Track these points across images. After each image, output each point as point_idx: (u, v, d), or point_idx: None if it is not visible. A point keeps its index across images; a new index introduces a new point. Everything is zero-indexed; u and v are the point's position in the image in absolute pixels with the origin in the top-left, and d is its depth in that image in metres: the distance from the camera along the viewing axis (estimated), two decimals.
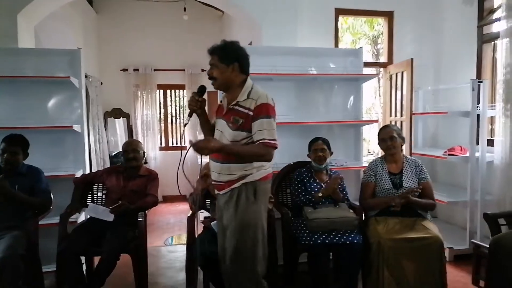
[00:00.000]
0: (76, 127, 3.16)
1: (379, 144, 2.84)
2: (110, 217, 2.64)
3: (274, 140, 1.99)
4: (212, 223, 2.49)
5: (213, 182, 2.15)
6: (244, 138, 2.02)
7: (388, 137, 2.75)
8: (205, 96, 2.15)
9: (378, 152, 8.88)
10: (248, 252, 2.03)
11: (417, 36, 4.48)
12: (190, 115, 2.11)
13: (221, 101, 2.20)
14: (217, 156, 2.05)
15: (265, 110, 1.99)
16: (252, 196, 2.04)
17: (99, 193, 3.06)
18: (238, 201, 2.02)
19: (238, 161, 2.01)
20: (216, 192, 2.17)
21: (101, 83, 5.75)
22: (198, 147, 1.90)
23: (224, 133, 2.05)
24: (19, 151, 2.66)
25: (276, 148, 2.01)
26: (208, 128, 2.20)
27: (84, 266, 2.72)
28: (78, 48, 3.32)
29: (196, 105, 2.07)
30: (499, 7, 3.66)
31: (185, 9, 5.83)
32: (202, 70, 5.85)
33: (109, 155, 5.71)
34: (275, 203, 2.83)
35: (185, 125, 2.14)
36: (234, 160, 2.01)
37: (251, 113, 1.99)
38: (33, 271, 2.53)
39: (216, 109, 2.23)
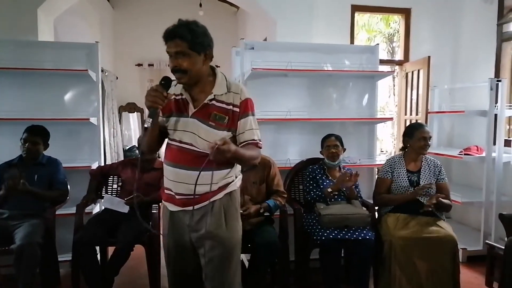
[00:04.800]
0: (93, 120, 3.21)
1: (410, 141, 2.74)
2: (125, 209, 2.69)
3: (260, 140, 1.74)
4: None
5: (178, 197, 1.68)
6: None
7: (429, 137, 2.72)
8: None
9: (391, 151, 8.81)
10: (232, 278, 1.73)
11: (434, 34, 4.42)
12: (153, 116, 1.57)
13: (178, 95, 1.70)
14: (191, 162, 1.63)
15: (251, 106, 1.72)
16: (239, 208, 1.78)
17: (114, 185, 3.11)
18: (227, 217, 1.69)
19: (225, 167, 1.67)
20: (177, 208, 1.70)
21: (117, 78, 5.82)
22: (223, 151, 1.47)
23: (200, 134, 1.63)
24: (40, 141, 2.73)
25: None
26: (156, 133, 1.71)
27: (98, 256, 2.77)
28: (96, 42, 3.37)
29: (163, 103, 1.57)
30: None
31: (200, 5, 5.86)
32: (217, 66, 5.87)
33: (123, 148, 5.80)
34: (288, 199, 2.84)
35: (146, 130, 1.66)
36: (221, 166, 1.64)
37: (236, 109, 1.67)
38: (49, 259, 2.59)
39: (175, 106, 1.71)
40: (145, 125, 1.62)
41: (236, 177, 1.75)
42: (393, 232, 2.51)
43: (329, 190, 2.69)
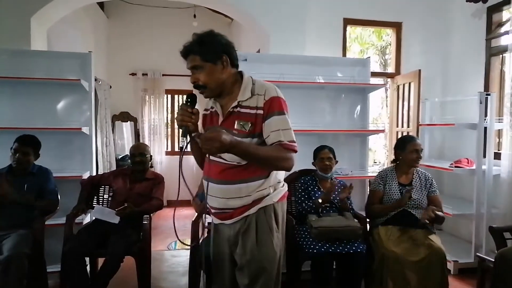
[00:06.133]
0: (85, 129, 3.20)
1: (402, 153, 2.77)
2: (116, 219, 2.66)
3: (293, 142, 1.61)
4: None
5: (213, 211, 1.71)
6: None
7: (420, 150, 2.74)
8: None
9: (384, 162, 8.86)
10: None
11: (425, 48, 4.49)
12: (185, 135, 1.58)
13: (209, 109, 1.76)
14: (219, 175, 1.62)
15: (277, 105, 1.59)
16: (274, 223, 1.66)
17: (105, 195, 3.09)
18: (258, 233, 1.62)
19: (253, 178, 1.60)
20: (217, 221, 1.73)
21: (110, 87, 5.81)
22: (207, 139, 1.41)
23: None
24: (30, 151, 2.70)
25: (295, 152, 1.62)
26: (201, 151, 1.65)
27: (88, 267, 2.73)
28: (89, 51, 3.37)
29: (191, 119, 1.58)
30: (507, 20, 3.67)
31: (195, 16, 5.90)
32: None
33: (116, 158, 5.76)
34: None
35: (182, 149, 1.58)
36: (248, 178, 1.60)
37: (260, 111, 1.59)
38: (38, 271, 2.54)
39: (203, 121, 1.77)
40: (180, 145, 1.59)
41: (273, 190, 1.66)
42: (386, 245, 2.51)
43: (320, 201, 2.70)
